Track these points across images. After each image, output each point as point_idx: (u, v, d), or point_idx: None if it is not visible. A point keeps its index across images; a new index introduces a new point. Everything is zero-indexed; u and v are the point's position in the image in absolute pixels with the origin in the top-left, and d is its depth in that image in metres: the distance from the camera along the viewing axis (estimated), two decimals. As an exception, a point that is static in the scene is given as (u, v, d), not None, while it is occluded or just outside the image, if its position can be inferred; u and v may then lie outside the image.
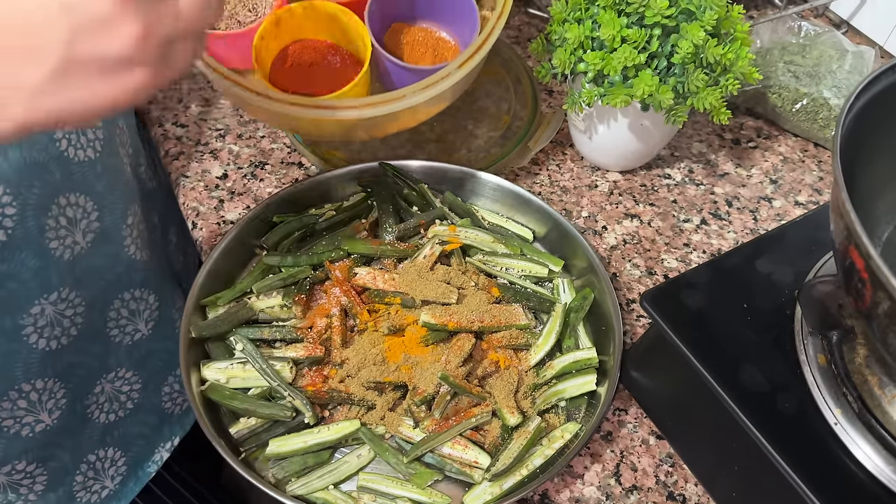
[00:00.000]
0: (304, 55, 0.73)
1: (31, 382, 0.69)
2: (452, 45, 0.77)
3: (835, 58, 0.98)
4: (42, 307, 0.68)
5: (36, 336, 0.68)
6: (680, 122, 0.80)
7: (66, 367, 0.72)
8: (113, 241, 0.74)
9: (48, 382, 0.71)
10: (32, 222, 0.64)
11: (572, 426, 0.69)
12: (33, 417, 0.71)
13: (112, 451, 0.81)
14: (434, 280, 0.75)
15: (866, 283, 0.48)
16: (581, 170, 0.94)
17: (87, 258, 0.71)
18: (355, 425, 0.69)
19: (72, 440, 0.76)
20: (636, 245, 0.87)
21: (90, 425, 0.78)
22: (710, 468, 0.69)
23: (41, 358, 0.69)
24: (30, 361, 0.69)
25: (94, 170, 0.71)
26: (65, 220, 0.68)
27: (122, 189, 0.76)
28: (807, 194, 0.94)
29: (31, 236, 0.65)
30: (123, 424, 0.82)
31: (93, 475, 0.79)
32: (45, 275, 0.67)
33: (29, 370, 0.69)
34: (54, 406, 0.72)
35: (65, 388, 0.73)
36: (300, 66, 0.73)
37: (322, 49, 0.73)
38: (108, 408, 0.79)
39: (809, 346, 0.63)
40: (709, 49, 0.75)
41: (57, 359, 0.71)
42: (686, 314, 0.66)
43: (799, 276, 0.68)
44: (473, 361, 0.72)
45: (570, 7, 0.81)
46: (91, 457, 0.78)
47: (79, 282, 0.70)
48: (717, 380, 0.61)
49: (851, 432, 0.58)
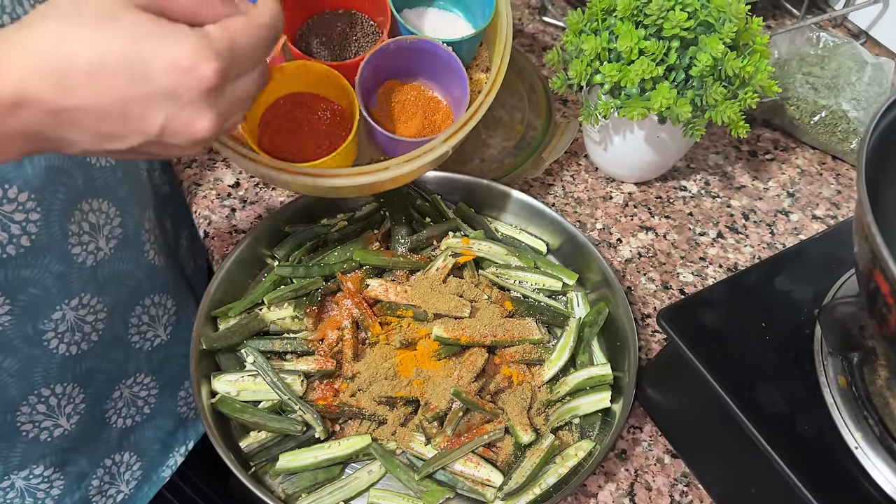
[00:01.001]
0: (295, 110, 0.74)
1: (50, 387, 0.69)
2: (444, 106, 0.79)
3: (854, 69, 0.96)
4: (63, 312, 0.68)
5: (56, 341, 0.68)
6: (698, 135, 0.79)
7: (86, 372, 0.72)
8: (134, 247, 0.74)
9: (67, 388, 0.71)
10: (56, 228, 0.65)
11: (586, 444, 0.68)
12: (52, 422, 0.71)
13: (128, 455, 0.81)
14: (447, 293, 0.74)
15: (892, 308, 0.47)
16: (595, 181, 0.94)
17: (110, 264, 0.71)
18: (366, 440, 0.68)
19: (90, 445, 0.76)
20: (651, 258, 0.86)
21: (108, 430, 0.78)
22: (726, 489, 0.68)
23: (61, 363, 0.69)
24: (50, 367, 0.69)
25: (115, 175, 0.71)
26: (87, 225, 0.68)
27: (140, 194, 0.77)
28: (824, 208, 0.92)
29: (55, 242, 0.65)
30: (140, 429, 0.82)
31: (109, 479, 0.79)
32: (67, 280, 0.67)
33: (49, 375, 0.69)
34: (73, 411, 0.72)
35: (84, 394, 0.73)
36: (290, 120, 0.73)
37: (312, 103, 0.74)
38: (126, 413, 0.80)
39: (829, 368, 0.61)
40: (728, 62, 0.74)
41: (77, 364, 0.71)
42: (703, 332, 0.65)
43: (818, 295, 0.67)
44: (486, 376, 0.71)
45: (587, 18, 0.80)
46: (108, 461, 0.79)
47: (101, 287, 0.71)
48: (735, 400, 0.60)
49: (872, 457, 0.57)
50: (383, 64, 0.74)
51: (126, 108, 0.44)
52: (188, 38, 0.43)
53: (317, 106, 0.74)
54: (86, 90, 0.42)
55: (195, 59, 0.43)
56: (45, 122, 0.43)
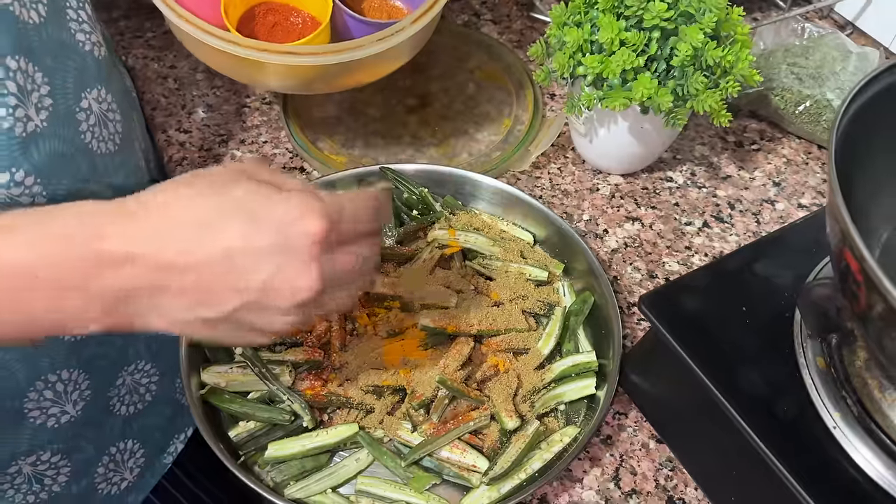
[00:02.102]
0: (268, 16, 0.83)
1: (57, 373, 0.70)
2: (405, 12, 0.88)
3: (838, 59, 0.97)
4: None
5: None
6: (680, 124, 0.79)
7: (89, 357, 0.73)
8: None
9: (73, 373, 0.71)
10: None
11: (571, 430, 0.69)
12: (59, 408, 0.71)
13: (132, 443, 0.82)
14: (433, 284, 0.75)
15: (861, 286, 0.48)
16: (582, 173, 0.94)
17: None
18: (353, 429, 0.69)
19: (95, 432, 0.77)
20: (637, 248, 0.87)
21: (112, 417, 0.79)
22: (710, 472, 0.68)
23: (67, 348, 0.70)
24: (56, 352, 0.69)
25: (113, 162, 0.72)
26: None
27: (136, 183, 0.78)
28: (810, 197, 0.93)
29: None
30: (143, 416, 0.83)
31: (114, 467, 0.80)
32: None
33: (55, 361, 0.69)
34: (79, 397, 0.73)
35: (89, 380, 0.73)
36: (264, 26, 0.82)
37: (285, 10, 0.83)
38: (129, 400, 0.80)
39: (808, 350, 0.62)
40: (708, 51, 0.75)
41: (82, 349, 0.72)
42: (684, 317, 0.66)
43: (799, 279, 0.67)
44: (473, 365, 0.72)
45: (570, 11, 0.81)
46: (112, 449, 0.79)
47: None
48: (716, 383, 0.61)
49: (851, 436, 0.58)
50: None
51: (233, 260, 0.44)
52: (299, 196, 0.46)
53: (289, 13, 0.83)
54: (195, 245, 0.44)
55: (304, 212, 0.45)
56: (146, 279, 0.44)
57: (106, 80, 0.69)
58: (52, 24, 0.62)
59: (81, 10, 0.67)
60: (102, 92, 0.68)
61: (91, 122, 0.67)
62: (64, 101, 0.63)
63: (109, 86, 0.70)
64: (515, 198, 0.84)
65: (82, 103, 0.66)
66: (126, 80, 0.83)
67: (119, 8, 1.13)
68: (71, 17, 0.66)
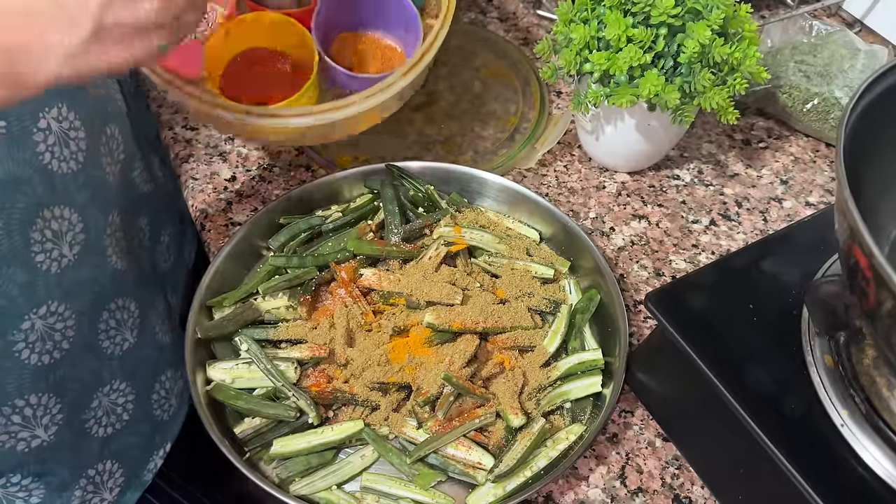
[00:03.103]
0: (255, 64, 0.77)
1: (24, 398, 0.69)
2: (399, 52, 0.81)
3: (846, 57, 0.96)
4: (32, 322, 0.67)
5: (28, 351, 0.67)
6: (687, 122, 0.79)
7: (59, 381, 0.71)
8: (97, 253, 0.73)
9: (42, 398, 0.70)
10: (18, 237, 0.63)
11: (577, 428, 0.69)
12: (29, 433, 0.70)
13: (110, 463, 0.80)
14: (439, 281, 0.75)
15: (870, 282, 0.47)
16: (589, 171, 0.94)
17: (75, 270, 0.70)
18: (359, 426, 0.69)
19: (70, 455, 0.75)
20: (644, 246, 0.86)
21: (89, 440, 0.77)
22: (717, 471, 0.68)
23: (34, 373, 0.68)
24: (22, 376, 0.68)
25: (76, 181, 0.69)
26: (50, 233, 0.66)
27: (103, 199, 0.75)
28: (818, 195, 0.93)
29: (17, 251, 0.64)
30: (120, 437, 0.80)
31: (92, 489, 0.78)
32: (32, 289, 0.66)
33: (22, 386, 0.68)
34: (50, 422, 0.71)
35: (60, 404, 0.72)
36: (251, 74, 0.76)
37: (271, 57, 0.78)
38: (106, 421, 0.78)
39: (816, 348, 0.62)
40: (715, 48, 0.74)
41: (50, 373, 0.70)
42: (691, 315, 0.65)
43: (806, 277, 0.67)
44: (478, 362, 0.72)
45: (577, 7, 0.81)
46: (91, 471, 0.78)
47: (67, 294, 0.69)
48: (723, 381, 0.61)
49: (859, 434, 0.57)
50: (336, 12, 0.77)
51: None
52: None
53: (276, 59, 0.77)
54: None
55: None
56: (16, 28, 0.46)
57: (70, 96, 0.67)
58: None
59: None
60: (63, 110, 0.66)
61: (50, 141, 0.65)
62: (18, 122, 0.61)
63: (73, 102, 0.67)
64: (521, 195, 0.83)
65: (40, 123, 0.64)
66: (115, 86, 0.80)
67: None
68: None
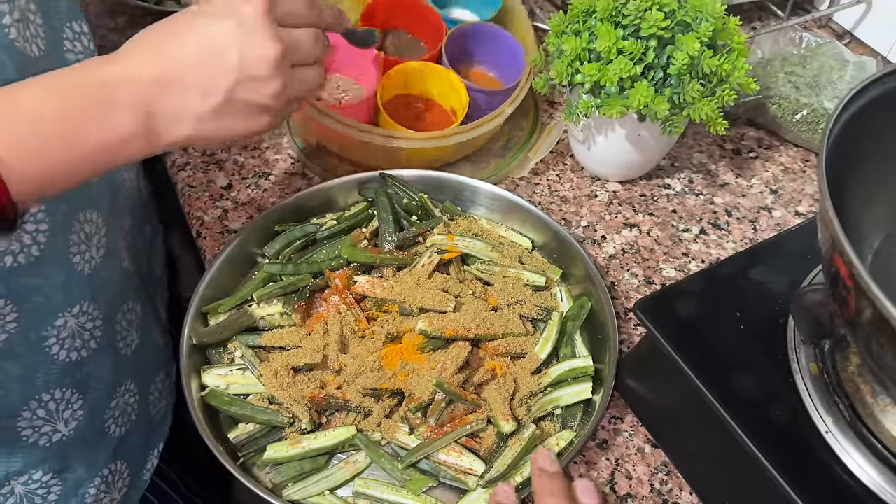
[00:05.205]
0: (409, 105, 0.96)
1: (50, 392, 0.71)
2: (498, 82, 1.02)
3: (836, 68, 0.98)
4: (66, 320, 0.69)
5: (58, 347, 0.70)
6: (676, 132, 0.80)
7: (84, 378, 0.74)
8: (115, 255, 0.76)
9: (66, 393, 0.72)
10: (60, 237, 0.66)
11: (567, 434, 0.70)
12: (51, 427, 0.72)
13: (120, 463, 0.82)
14: (432, 288, 0.76)
15: (850, 291, 0.48)
16: (581, 180, 0.95)
17: (100, 272, 0.72)
18: (351, 431, 0.69)
19: (87, 452, 0.77)
20: (635, 254, 0.87)
21: (106, 439, 0.79)
22: (705, 477, 0.69)
23: (61, 369, 0.71)
24: (50, 372, 0.70)
25: (101, 186, 0.73)
26: (84, 235, 0.70)
27: (121, 204, 0.79)
28: (807, 204, 0.94)
29: (59, 251, 0.67)
30: (129, 437, 0.83)
31: (105, 489, 0.80)
32: (68, 288, 0.69)
33: (49, 380, 0.70)
34: (70, 417, 0.73)
35: (82, 400, 0.74)
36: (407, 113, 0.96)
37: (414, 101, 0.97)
38: (122, 421, 0.80)
39: (802, 355, 0.63)
40: (704, 60, 0.76)
41: (77, 370, 0.72)
42: (679, 322, 0.66)
43: (793, 286, 0.68)
44: (470, 369, 0.73)
45: (569, 19, 0.82)
46: (105, 471, 0.79)
47: (94, 295, 0.72)
48: (709, 388, 0.61)
49: (843, 441, 0.58)
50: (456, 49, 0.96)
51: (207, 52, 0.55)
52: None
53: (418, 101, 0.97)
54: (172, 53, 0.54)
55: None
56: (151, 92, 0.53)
57: None
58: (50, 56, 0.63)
59: (78, 41, 0.68)
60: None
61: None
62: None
63: None
64: (514, 204, 0.84)
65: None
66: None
67: (124, 14, 1.15)
68: (67, 47, 0.67)
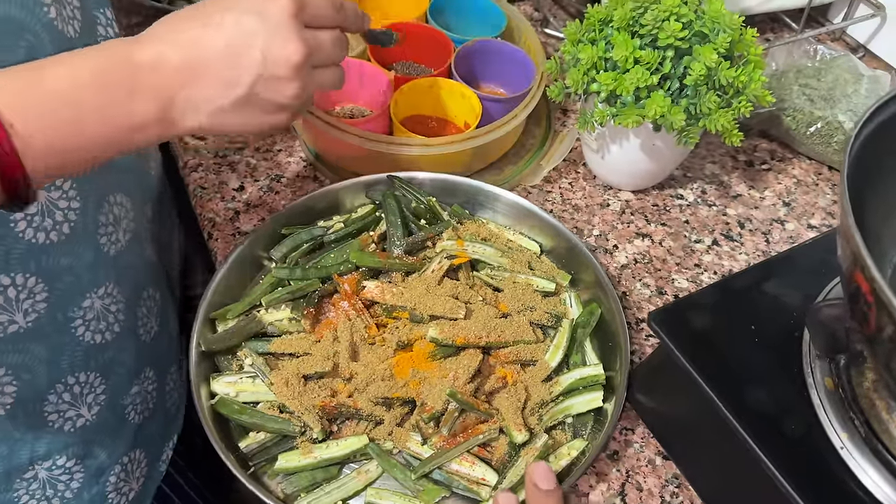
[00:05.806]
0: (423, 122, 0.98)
1: (75, 375, 0.71)
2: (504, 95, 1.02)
3: (850, 81, 0.98)
4: (92, 301, 0.70)
5: (83, 328, 0.70)
6: (692, 143, 0.80)
7: (108, 362, 0.74)
8: (139, 241, 0.77)
9: (90, 376, 0.72)
10: (90, 217, 0.67)
11: (578, 443, 0.69)
12: (75, 412, 0.72)
13: (139, 452, 0.82)
14: (442, 295, 0.75)
15: (871, 307, 0.48)
16: (593, 188, 0.95)
17: (125, 255, 0.73)
18: (363, 441, 0.69)
19: (109, 439, 0.77)
20: (647, 265, 0.87)
21: (126, 426, 0.79)
22: (716, 490, 0.69)
23: (85, 351, 0.71)
24: (75, 353, 0.70)
25: (130, 172, 0.75)
26: (112, 217, 0.71)
27: (144, 191, 0.81)
28: (820, 217, 0.93)
29: (89, 231, 0.67)
30: (147, 425, 0.83)
31: (124, 477, 0.80)
32: (95, 269, 0.69)
33: (74, 363, 0.70)
34: (93, 401, 0.74)
35: (105, 384, 0.74)
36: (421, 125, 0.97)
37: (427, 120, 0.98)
38: (141, 408, 0.81)
39: (817, 370, 0.62)
40: (721, 71, 0.75)
41: (100, 353, 0.73)
42: (693, 334, 0.66)
43: (808, 299, 0.68)
44: (481, 377, 0.72)
45: (584, 28, 0.82)
46: (125, 458, 0.80)
47: (119, 278, 0.73)
48: (723, 401, 0.61)
49: (858, 457, 0.58)
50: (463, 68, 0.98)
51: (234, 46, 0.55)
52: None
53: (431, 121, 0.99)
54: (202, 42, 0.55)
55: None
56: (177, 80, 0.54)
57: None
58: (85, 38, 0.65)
59: (109, 27, 0.70)
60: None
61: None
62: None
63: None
64: (524, 209, 0.84)
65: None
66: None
67: (138, 14, 1.15)
68: (100, 32, 0.69)
